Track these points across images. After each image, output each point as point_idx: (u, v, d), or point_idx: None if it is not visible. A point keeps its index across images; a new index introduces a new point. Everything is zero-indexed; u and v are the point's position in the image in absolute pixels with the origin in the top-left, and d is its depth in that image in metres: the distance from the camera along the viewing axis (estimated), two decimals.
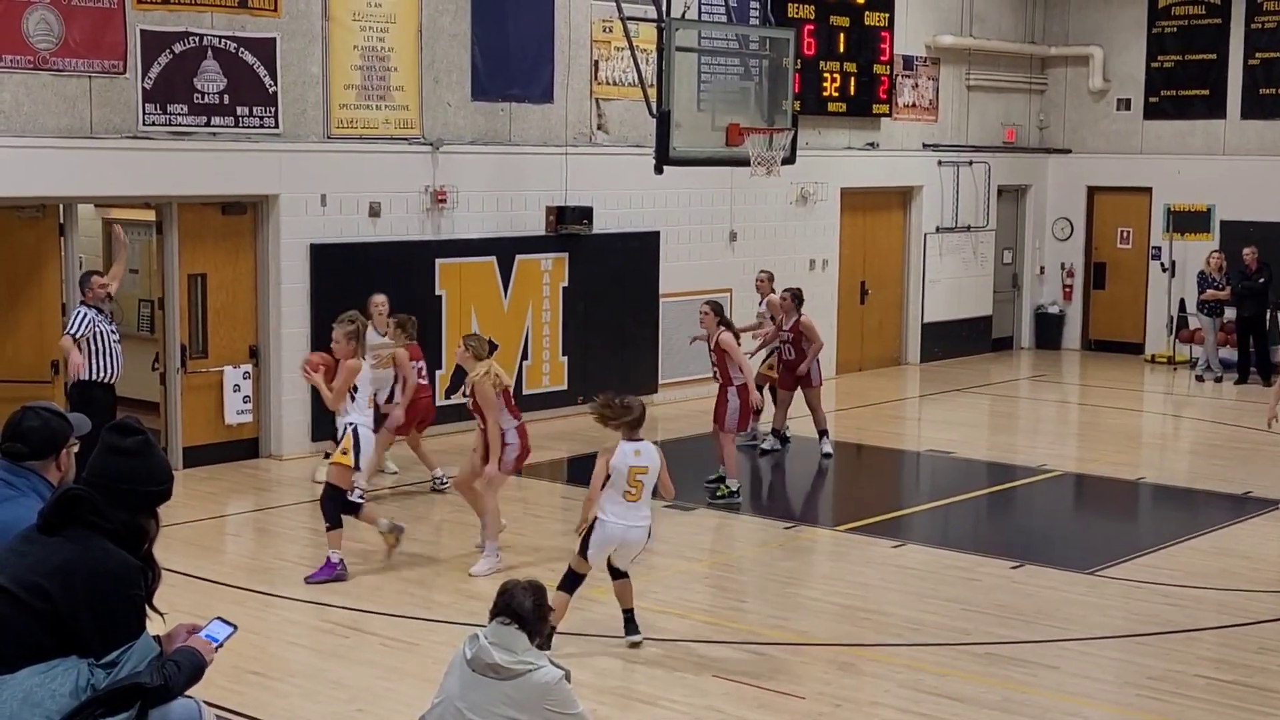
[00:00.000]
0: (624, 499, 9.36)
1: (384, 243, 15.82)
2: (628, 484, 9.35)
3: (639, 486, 9.37)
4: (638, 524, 9.42)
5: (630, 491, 9.36)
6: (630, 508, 9.37)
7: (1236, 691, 9.00)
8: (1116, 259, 24.56)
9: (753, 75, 16.78)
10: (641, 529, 9.46)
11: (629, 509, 9.37)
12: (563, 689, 5.57)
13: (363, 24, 15.52)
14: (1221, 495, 14.45)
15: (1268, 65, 22.72)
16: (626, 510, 9.36)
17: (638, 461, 9.36)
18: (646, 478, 9.40)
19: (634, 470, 9.34)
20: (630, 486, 9.35)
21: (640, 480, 9.37)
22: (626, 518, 9.36)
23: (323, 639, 9.86)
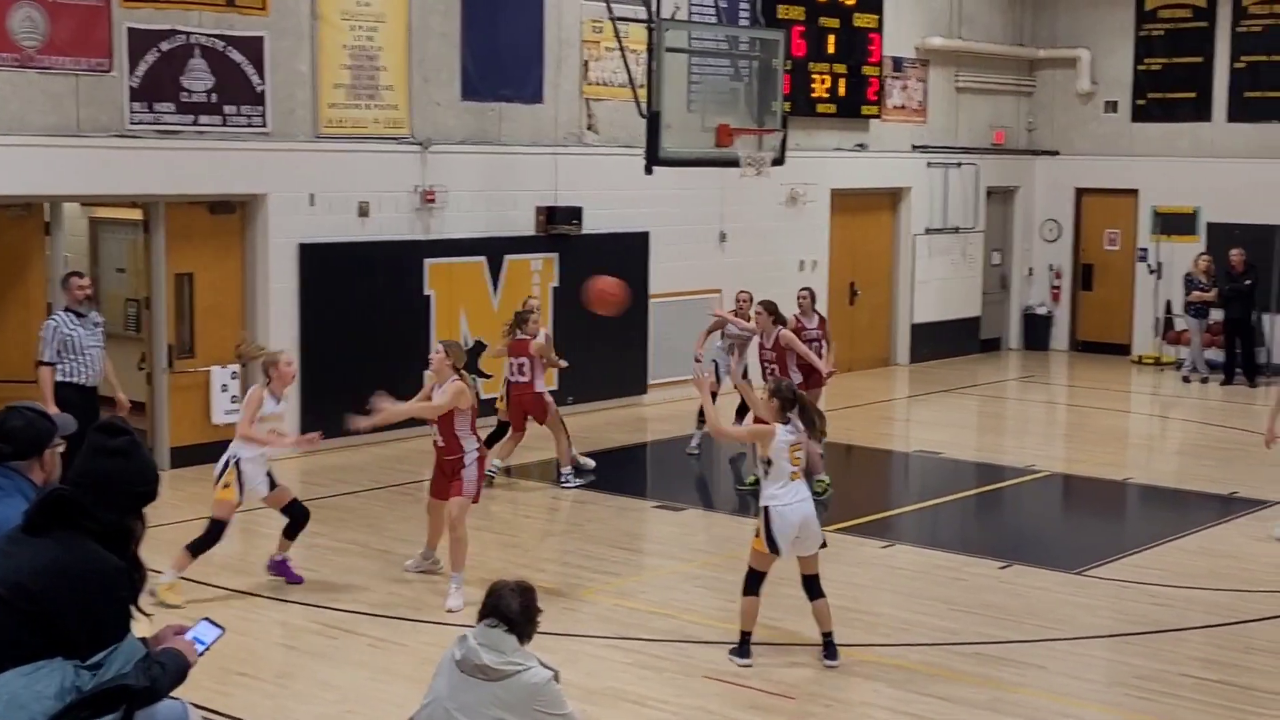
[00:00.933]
0: (790, 479, 9.22)
1: (373, 242, 15.80)
2: (790, 463, 9.23)
3: (799, 464, 9.27)
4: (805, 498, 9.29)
5: (795, 471, 9.24)
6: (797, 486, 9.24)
7: (1224, 691, 9.02)
8: (1104, 260, 24.60)
9: (742, 76, 16.78)
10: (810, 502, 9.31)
11: (796, 487, 9.24)
12: (552, 689, 5.56)
13: (352, 23, 15.50)
14: (1208, 495, 14.47)
15: (1254, 68, 22.77)
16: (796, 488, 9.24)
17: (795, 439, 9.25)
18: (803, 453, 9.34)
19: (793, 448, 9.23)
20: (794, 465, 9.24)
21: (800, 457, 9.29)
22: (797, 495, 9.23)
23: (311, 640, 9.84)
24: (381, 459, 15.22)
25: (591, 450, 15.88)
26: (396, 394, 14.98)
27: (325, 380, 15.44)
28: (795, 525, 9.19)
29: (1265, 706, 8.77)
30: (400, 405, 10.90)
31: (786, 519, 9.18)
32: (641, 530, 13.15)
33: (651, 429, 17.46)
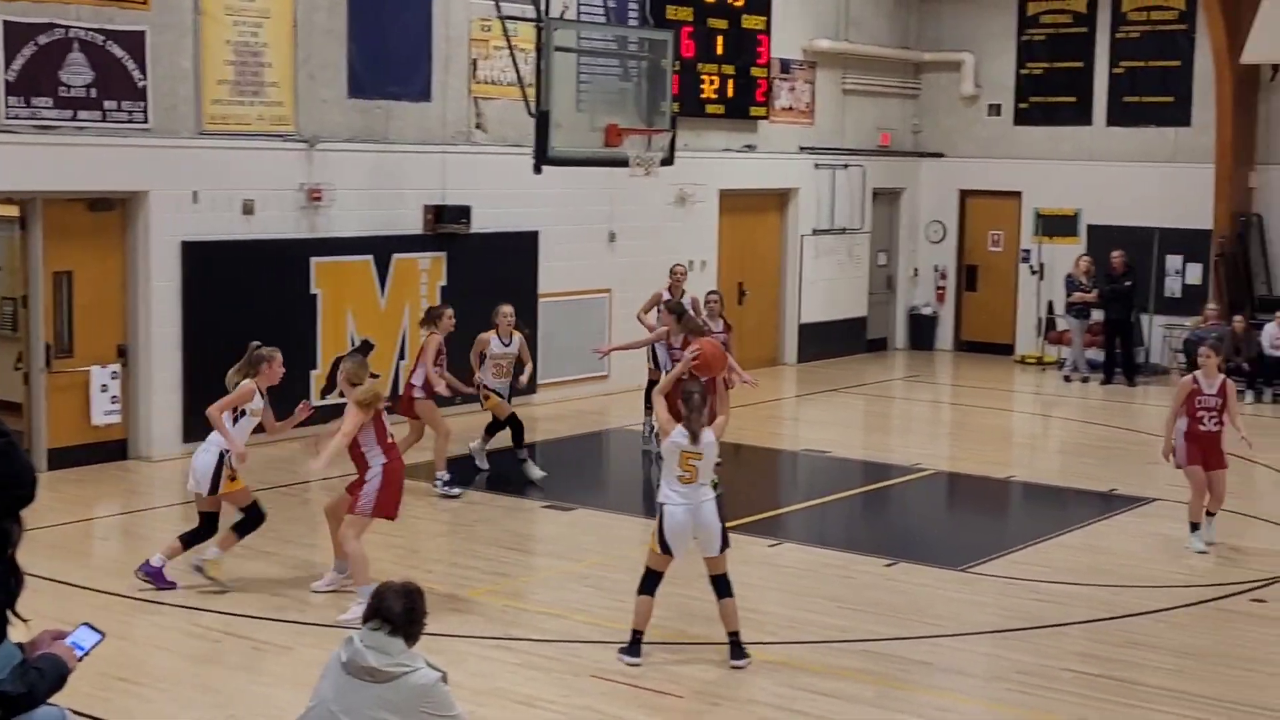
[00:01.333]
0: (679, 481, 9.22)
1: (258, 240, 15.61)
2: (679, 467, 9.22)
3: (693, 470, 9.22)
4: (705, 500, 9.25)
5: (684, 475, 9.22)
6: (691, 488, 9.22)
7: (1103, 684, 9.18)
8: (987, 262, 24.96)
9: (631, 76, 16.81)
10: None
11: (690, 489, 9.21)
12: (440, 691, 5.52)
13: (236, 18, 15.30)
14: (1088, 493, 14.73)
15: (1132, 74, 23.22)
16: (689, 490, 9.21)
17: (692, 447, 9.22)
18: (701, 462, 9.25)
19: (685, 454, 9.22)
20: (684, 470, 9.22)
21: (693, 465, 9.22)
22: (691, 496, 9.21)
23: (193, 644, 9.70)
24: (266, 460, 15.03)
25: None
26: (285, 396, 14.83)
27: (209, 381, 15.19)
28: (687, 526, 9.22)
29: (1143, 699, 8.94)
30: (331, 444, 10.56)
31: (676, 519, 9.21)
32: (530, 530, 13.12)
33: (541, 429, 17.42)
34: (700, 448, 9.20)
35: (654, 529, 9.33)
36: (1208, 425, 12.36)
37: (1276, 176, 22.30)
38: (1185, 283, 22.73)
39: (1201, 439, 12.37)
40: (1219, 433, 12.36)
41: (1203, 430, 12.36)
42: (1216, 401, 12.33)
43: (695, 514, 9.22)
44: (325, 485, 14.30)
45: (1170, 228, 22.61)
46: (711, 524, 9.26)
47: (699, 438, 9.20)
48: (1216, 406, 12.34)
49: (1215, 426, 12.37)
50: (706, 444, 9.22)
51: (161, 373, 14.93)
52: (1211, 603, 11.04)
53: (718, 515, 9.30)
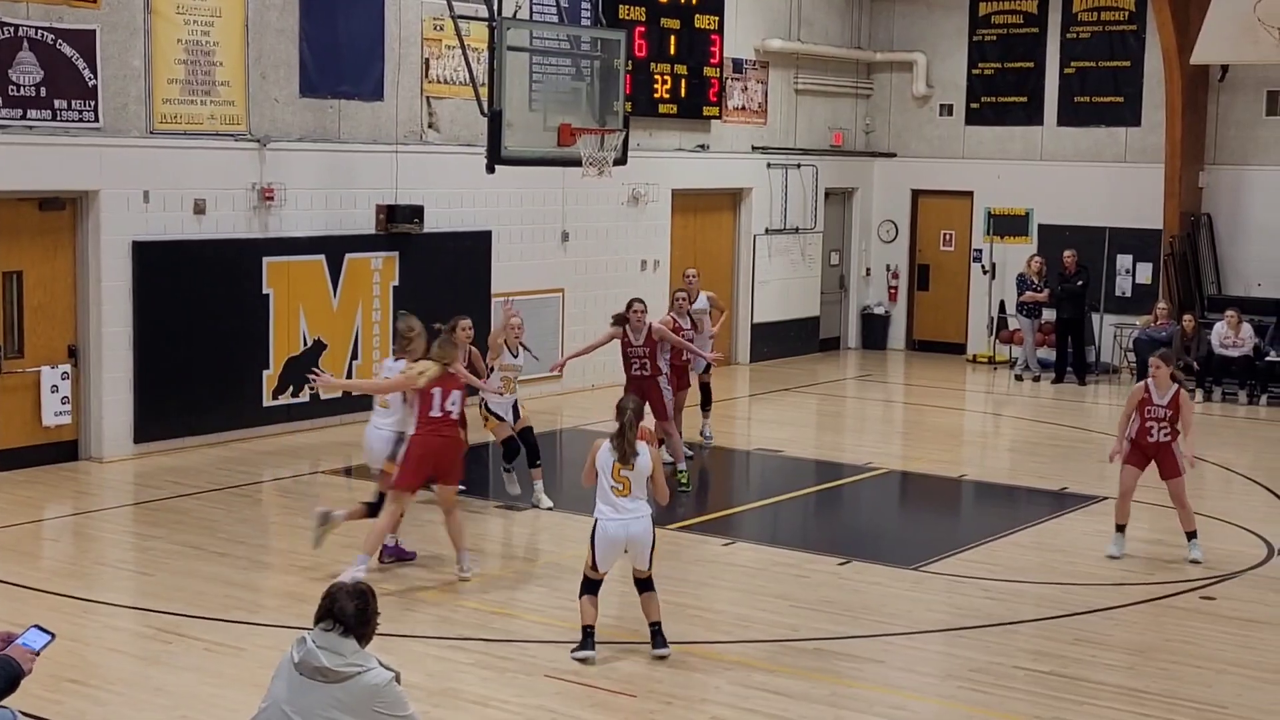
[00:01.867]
0: (613, 494, 9.34)
1: (210, 240, 15.53)
2: (610, 478, 9.34)
3: (625, 482, 9.33)
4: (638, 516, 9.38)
5: (617, 487, 9.33)
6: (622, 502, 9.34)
7: (1053, 682, 9.25)
8: (939, 261, 25.09)
9: (584, 76, 16.81)
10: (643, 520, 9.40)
11: (622, 503, 9.33)
12: (393, 690, 5.51)
13: (187, 17, 15.21)
14: (1040, 491, 14.83)
15: (1082, 74, 23.40)
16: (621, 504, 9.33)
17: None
18: (633, 474, 9.34)
19: (615, 466, 9.35)
20: (616, 482, 9.33)
21: (626, 476, 9.34)
22: (622, 512, 9.33)
23: (144, 645, 9.65)
24: (218, 460, 14.98)
25: None
26: (237, 395, 14.82)
27: (161, 381, 15.15)
28: (619, 542, 9.34)
29: (1092, 696, 9.01)
30: (355, 381, 12.32)
31: (608, 534, 9.34)
32: (483, 530, 13.09)
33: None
34: (632, 462, 9.31)
35: (589, 543, 9.43)
36: (1157, 436, 12.16)
37: (1226, 176, 22.52)
38: (1135, 282, 22.92)
39: (1150, 449, 12.21)
40: (1169, 443, 12.17)
41: (1151, 440, 12.20)
42: (1167, 413, 12.10)
43: (627, 529, 9.32)
44: (277, 486, 14.26)
45: (1120, 227, 22.80)
46: (642, 541, 9.37)
47: (629, 459, 9.29)
48: (1167, 418, 12.11)
49: (1165, 437, 12.15)
50: (640, 462, 9.31)
51: (112, 373, 14.83)
52: (1161, 600, 11.14)
53: (650, 531, 9.39)
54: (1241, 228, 22.48)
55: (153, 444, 15.14)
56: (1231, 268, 22.61)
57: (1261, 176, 22.23)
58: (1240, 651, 9.94)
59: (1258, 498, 14.76)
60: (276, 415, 16.22)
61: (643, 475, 9.36)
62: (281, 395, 16.22)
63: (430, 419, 10.91)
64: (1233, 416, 19.84)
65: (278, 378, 16.15)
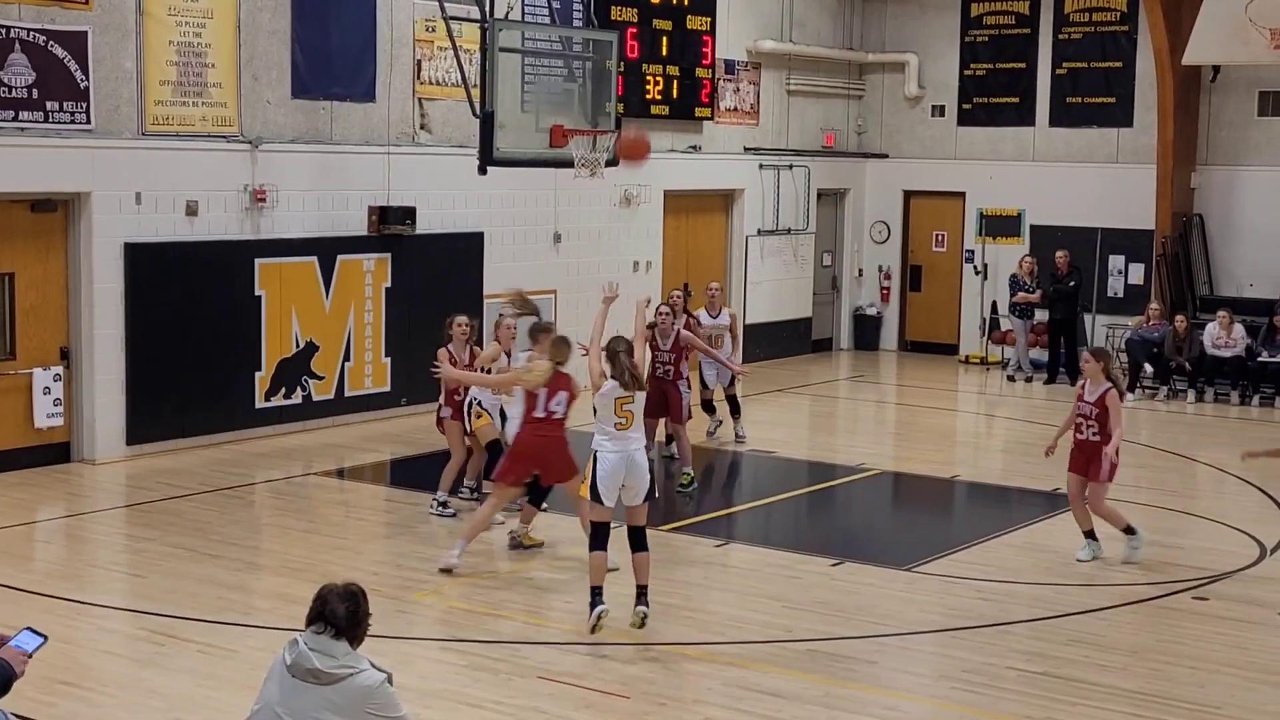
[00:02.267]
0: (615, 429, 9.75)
1: (202, 242, 15.52)
2: (615, 414, 9.75)
3: (629, 415, 9.78)
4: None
5: (621, 421, 9.75)
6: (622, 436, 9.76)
7: (1046, 682, 9.26)
8: (932, 262, 25.11)
9: (576, 77, 16.80)
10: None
11: (624, 436, 9.76)
12: (385, 692, 5.51)
13: (178, 19, 15.20)
14: (1032, 492, 14.84)
15: (1074, 75, 23.42)
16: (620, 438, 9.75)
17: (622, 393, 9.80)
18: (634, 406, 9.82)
19: (619, 400, 9.77)
20: (620, 417, 9.75)
21: (628, 410, 9.78)
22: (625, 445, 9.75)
23: (137, 647, 9.64)
24: (211, 462, 14.97)
25: (425, 453, 15.80)
26: (229, 396, 14.79)
27: (153, 383, 15.13)
28: (619, 472, 9.70)
29: (1085, 697, 9.02)
30: (468, 375, 12.48)
31: (609, 464, 9.64)
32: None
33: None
34: (631, 393, 9.76)
35: (588, 478, 9.77)
36: (1085, 434, 12.07)
37: (1218, 177, 22.55)
38: (1128, 283, 22.94)
39: (1081, 446, 12.12)
40: (1098, 444, 12.03)
41: (1081, 438, 12.12)
42: (1093, 411, 11.97)
43: (628, 461, 9.72)
44: (269, 488, 14.25)
45: (1113, 228, 22.83)
46: (642, 470, 9.78)
47: (629, 386, 9.75)
48: (1092, 415, 11.98)
49: (1094, 436, 12.03)
50: (639, 392, 9.83)
51: (105, 375, 14.81)
52: (1154, 600, 11.15)
53: (648, 464, 9.88)
54: (1233, 228, 22.51)
55: (145, 446, 15.13)
56: (1223, 268, 22.64)
57: (1253, 177, 22.27)
58: (1233, 652, 9.95)
59: (1250, 498, 14.78)
60: (269, 417, 16.20)
61: (642, 404, 9.87)
62: (274, 397, 16.21)
63: (534, 419, 11.08)
64: (1225, 417, 19.86)
65: (270, 379, 16.14)
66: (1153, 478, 14.93)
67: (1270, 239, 22.01)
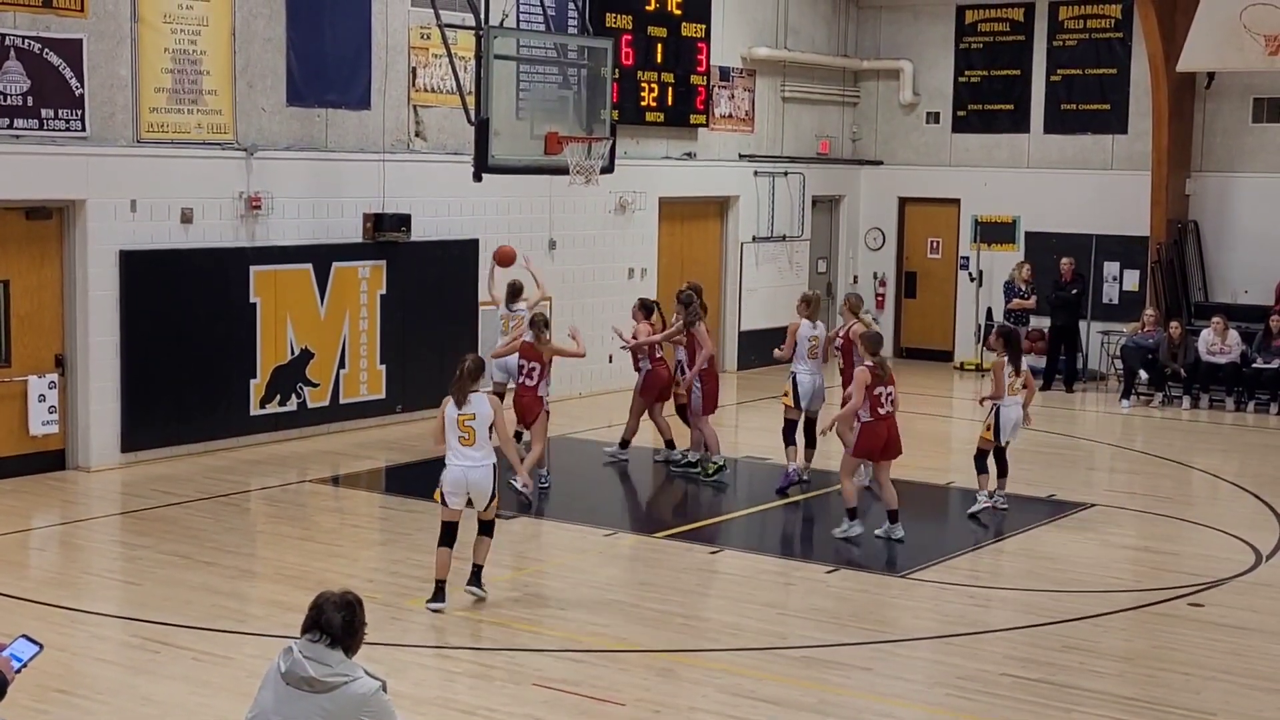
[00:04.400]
0: (460, 443, 10.47)
1: (197, 249, 15.51)
2: (457, 429, 10.48)
3: (470, 431, 10.48)
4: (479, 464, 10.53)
5: (464, 436, 10.47)
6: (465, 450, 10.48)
7: (1041, 689, 9.26)
8: (927, 268, 25.13)
9: (571, 84, 16.81)
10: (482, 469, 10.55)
11: (464, 452, 10.47)
12: (380, 700, 5.51)
13: (174, 26, 15.20)
14: (1027, 498, 14.84)
15: (1069, 81, 23.45)
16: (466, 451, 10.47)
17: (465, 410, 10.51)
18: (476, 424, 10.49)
19: (461, 418, 10.49)
20: (463, 431, 10.47)
21: (471, 426, 10.49)
22: (463, 459, 10.47)
23: (131, 654, 9.63)
24: (206, 469, 14.96)
25: (420, 460, 15.80)
26: (224, 404, 14.78)
27: (148, 390, 15.12)
28: (459, 484, 10.43)
29: (1080, 704, 9.03)
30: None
31: (451, 478, 10.44)
32: (471, 539, 13.06)
33: None
34: (471, 411, 10.42)
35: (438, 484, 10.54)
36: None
37: (1212, 184, 22.57)
38: (1123, 289, 22.96)
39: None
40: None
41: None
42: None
43: (467, 474, 10.45)
44: (264, 495, 14.24)
45: (1108, 234, 22.85)
46: (482, 485, 10.50)
47: (462, 405, 10.43)
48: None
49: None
50: (479, 411, 10.45)
51: (100, 382, 14.80)
52: (1149, 607, 11.16)
53: (490, 479, 10.55)
54: (1228, 235, 22.54)
55: (140, 453, 15.12)
56: (1218, 275, 22.66)
57: (1247, 183, 22.29)
58: (1228, 659, 9.96)
59: (1245, 504, 14.79)
60: (264, 424, 16.19)
61: (484, 424, 10.46)
62: (269, 404, 16.20)
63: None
64: (1220, 424, 19.87)
65: (265, 386, 16.13)
66: (1148, 484, 14.93)
67: (1265, 245, 22.04)
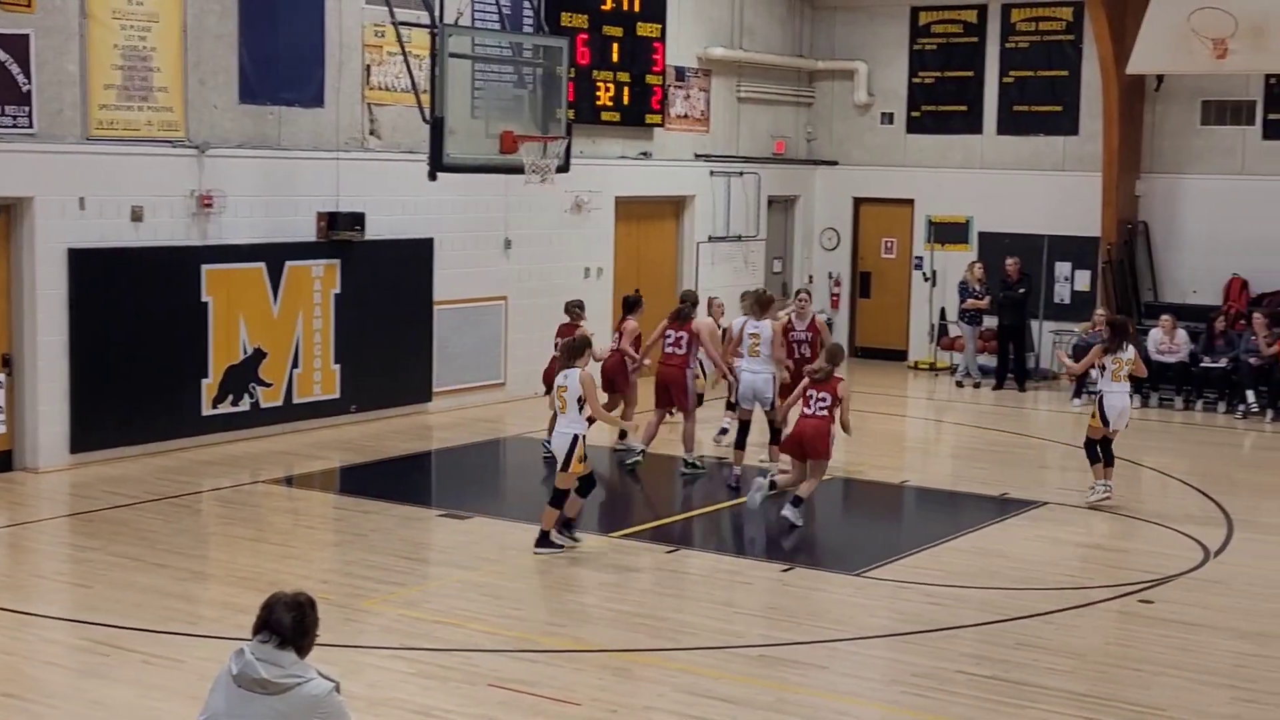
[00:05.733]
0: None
1: (147, 248, 15.38)
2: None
3: (563, 402, 11.90)
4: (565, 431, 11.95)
5: (560, 405, 11.98)
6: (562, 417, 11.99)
7: (995, 686, 9.29)
8: (881, 268, 25.20)
9: (527, 83, 16.78)
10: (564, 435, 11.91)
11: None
12: (334, 701, 5.46)
13: (123, 22, 15.07)
14: (981, 497, 14.91)
15: (1021, 83, 23.57)
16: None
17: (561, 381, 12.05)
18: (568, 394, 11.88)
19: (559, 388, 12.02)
20: (559, 400, 11.98)
21: (564, 397, 11.88)
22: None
23: (81, 657, 9.53)
24: (157, 470, 14.84)
25: (374, 460, 15.75)
26: (175, 404, 14.61)
27: (97, 391, 14.98)
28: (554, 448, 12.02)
29: (1034, 700, 9.06)
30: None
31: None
32: (426, 539, 13.04)
33: (436, 437, 17.34)
34: (564, 383, 11.99)
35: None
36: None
37: (1162, 184, 22.73)
38: (1074, 289, 23.09)
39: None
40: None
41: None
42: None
43: (556, 440, 12.11)
44: (216, 496, 14.14)
45: (1059, 235, 22.98)
46: (561, 450, 11.92)
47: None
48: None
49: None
50: (570, 384, 11.96)
51: (48, 383, 14.65)
52: (1100, 604, 11.22)
53: (566, 446, 11.82)
54: (1177, 235, 22.71)
55: (89, 454, 14.97)
56: (1167, 275, 22.83)
57: (1196, 185, 22.46)
58: (1177, 654, 10.02)
59: (1193, 502, 14.90)
60: (216, 424, 16.07)
61: (573, 396, 11.77)
62: (221, 404, 16.08)
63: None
64: (1169, 422, 20.03)
65: (217, 386, 16.01)
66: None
67: (1212, 246, 22.21)
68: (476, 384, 19.12)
